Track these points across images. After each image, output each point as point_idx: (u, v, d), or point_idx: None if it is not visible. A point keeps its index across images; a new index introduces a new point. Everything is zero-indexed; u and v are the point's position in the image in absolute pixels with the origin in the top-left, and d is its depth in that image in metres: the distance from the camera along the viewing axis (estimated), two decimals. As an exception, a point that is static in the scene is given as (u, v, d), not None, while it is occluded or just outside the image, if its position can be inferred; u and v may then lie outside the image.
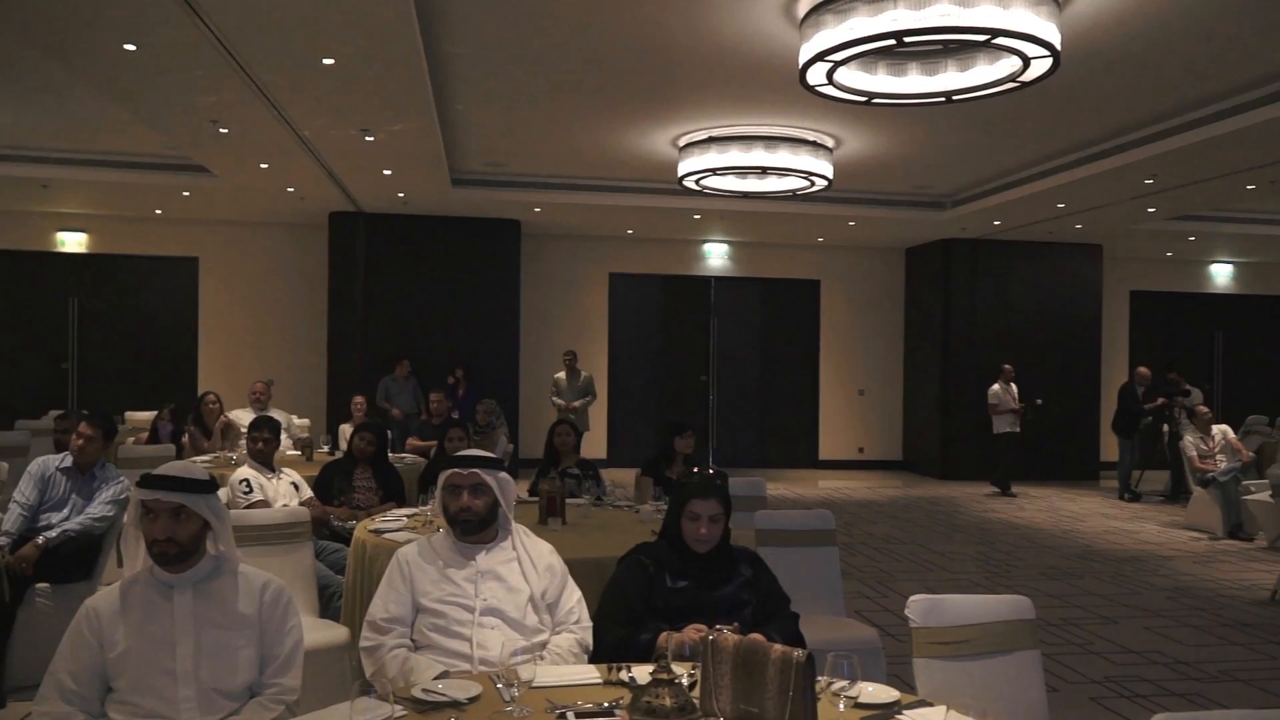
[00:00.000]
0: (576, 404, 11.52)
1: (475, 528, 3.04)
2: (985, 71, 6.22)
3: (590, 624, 3.02)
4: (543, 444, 6.45)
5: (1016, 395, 12.16)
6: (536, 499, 4.90)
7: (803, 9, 5.89)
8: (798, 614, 3.19)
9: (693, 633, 2.79)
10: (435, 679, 2.69)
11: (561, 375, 11.76)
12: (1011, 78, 6.08)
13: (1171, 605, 6.47)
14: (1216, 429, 9.78)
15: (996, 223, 12.10)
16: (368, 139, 8.47)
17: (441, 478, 3.12)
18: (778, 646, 2.19)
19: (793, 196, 10.33)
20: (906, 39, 5.42)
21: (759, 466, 14.20)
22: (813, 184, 9.40)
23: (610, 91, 7.78)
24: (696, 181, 9.54)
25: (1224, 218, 12.31)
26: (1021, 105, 7.65)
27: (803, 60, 6.02)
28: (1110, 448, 14.26)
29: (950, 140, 9.11)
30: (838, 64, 5.97)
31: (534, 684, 2.42)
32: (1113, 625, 5.96)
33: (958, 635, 2.77)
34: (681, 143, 9.26)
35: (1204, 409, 10.08)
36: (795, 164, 8.99)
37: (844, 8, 5.60)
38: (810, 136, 8.98)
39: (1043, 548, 8.44)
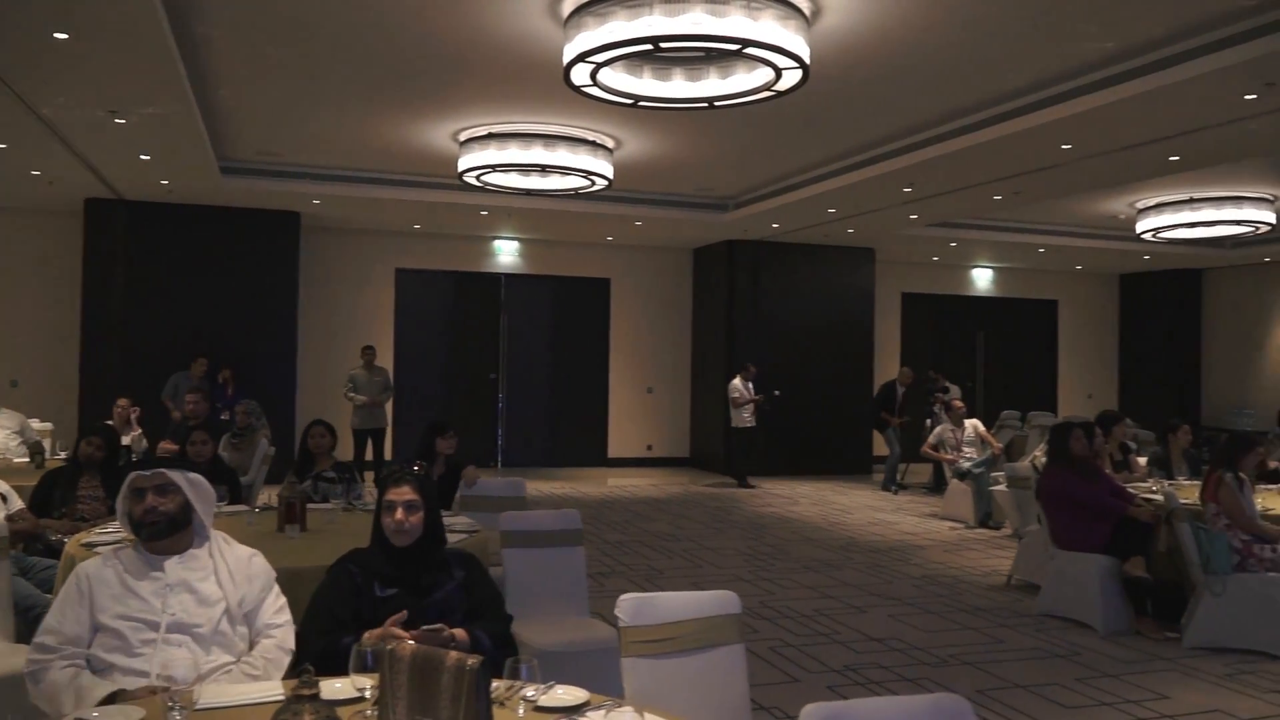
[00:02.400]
0: (379, 399, 11.32)
1: (163, 530, 2.81)
2: (744, 80, 6.40)
3: (287, 650, 2.85)
4: (341, 448, 6.16)
5: (751, 391, 12.54)
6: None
7: (566, 10, 5.89)
8: (511, 616, 3.13)
9: (393, 629, 2.69)
10: (103, 701, 2.47)
11: (359, 371, 11.42)
12: (767, 87, 6.27)
13: (917, 593, 6.85)
14: (969, 423, 10.48)
15: (775, 225, 12.54)
16: (118, 121, 7.85)
17: (125, 484, 2.88)
18: (453, 654, 2.12)
19: (575, 195, 10.37)
20: (662, 44, 5.50)
21: (548, 465, 14.22)
22: (594, 183, 9.45)
23: (383, 84, 7.56)
24: (477, 178, 9.45)
25: (980, 225, 13.21)
26: (788, 113, 7.92)
27: (565, 60, 6.01)
28: (881, 440, 15.10)
29: (727, 144, 9.36)
30: (600, 66, 6.01)
31: (199, 706, 2.25)
32: (861, 614, 6.23)
33: (664, 633, 2.77)
34: (462, 138, 9.11)
35: (959, 404, 10.77)
36: (575, 163, 9.01)
37: (603, 10, 5.63)
38: (590, 136, 9.01)
39: (809, 540, 8.78)
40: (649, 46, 5.56)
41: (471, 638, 2.82)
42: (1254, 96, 6.53)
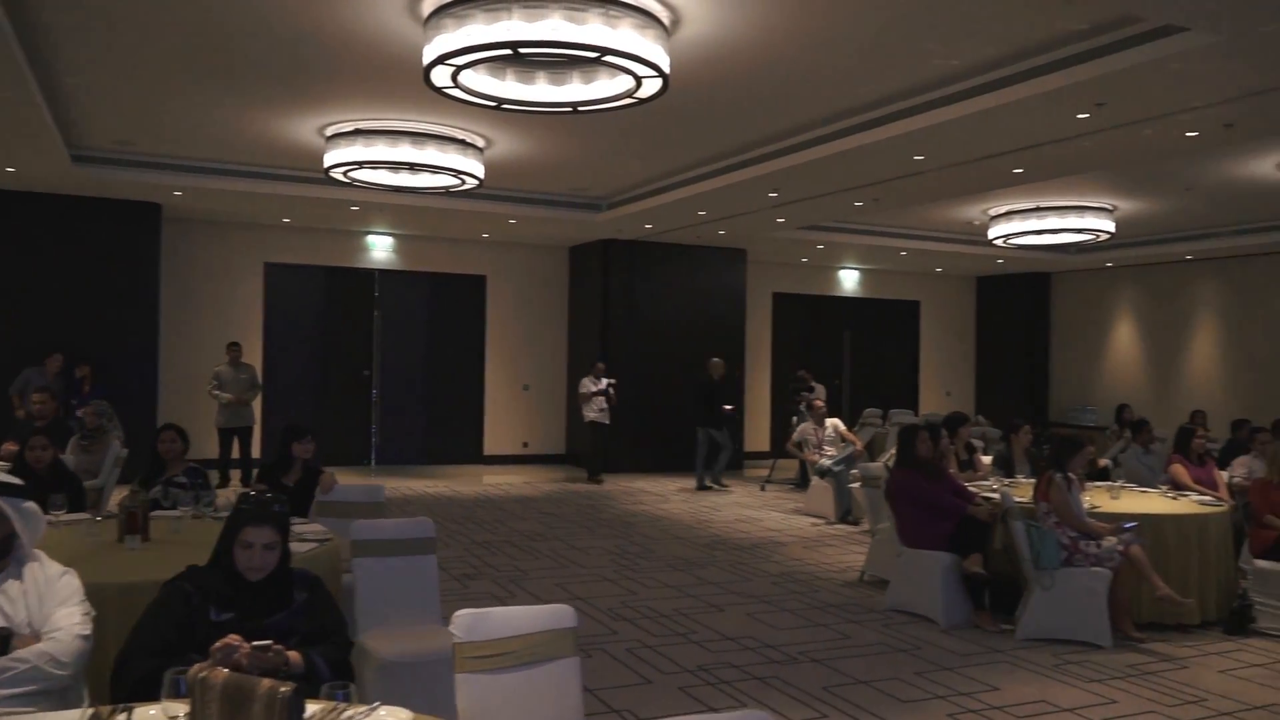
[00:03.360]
0: (245, 397, 11.07)
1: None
2: (607, 86, 6.46)
3: (77, 635, 2.79)
4: (206, 446, 5.96)
5: (603, 387, 12.64)
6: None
7: (426, 9, 5.84)
8: (352, 642, 3.11)
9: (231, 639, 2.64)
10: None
11: (224, 368, 11.10)
12: (628, 94, 6.35)
13: (775, 590, 7.05)
14: (829, 421, 10.82)
15: (648, 226, 12.68)
16: (-49, 104, 7.43)
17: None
18: (265, 682, 2.11)
19: (446, 193, 10.28)
20: (521, 50, 5.51)
21: (423, 463, 14.07)
22: (464, 182, 9.39)
23: (243, 75, 7.36)
24: (344, 174, 9.27)
25: (845, 229, 13.62)
26: (655, 117, 8.01)
27: (425, 61, 5.97)
28: (756, 437, 15.45)
29: (598, 146, 9.42)
30: (460, 68, 5.98)
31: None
32: (719, 613, 6.39)
33: (498, 648, 2.81)
34: (328, 133, 8.93)
35: (819, 403, 11.10)
36: (444, 161, 8.93)
37: (462, 13, 5.61)
38: (460, 135, 8.95)
39: (677, 539, 8.94)
40: (508, 52, 5.56)
41: (307, 662, 2.79)
42: (1086, 115, 6.93)
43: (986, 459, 8.38)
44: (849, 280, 17.03)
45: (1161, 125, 7.10)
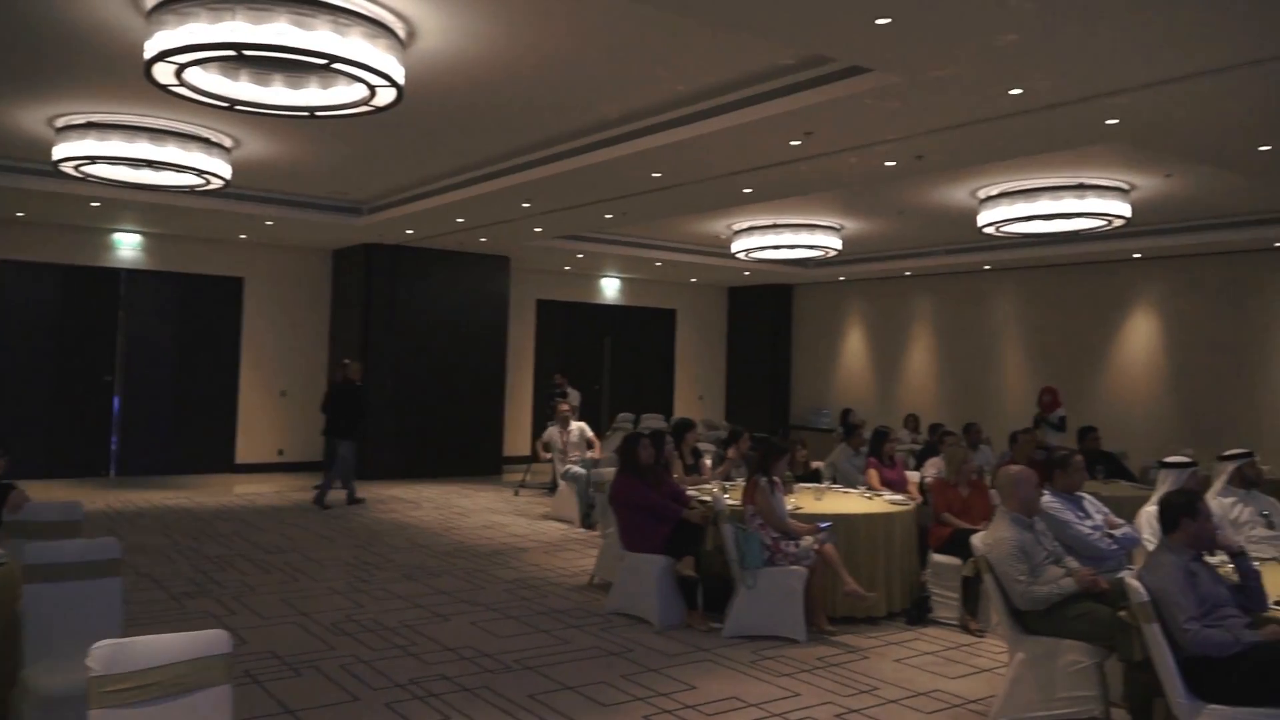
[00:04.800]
0: None
1: None
2: (345, 92, 6.39)
3: None
4: None
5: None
6: None
7: (149, 3, 5.58)
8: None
9: None
10: None
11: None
12: (364, 101, 6.30)
13: (505, 598, 7.15)
14: (575, 425, 11.07)
15: (409, 231, 12.56)
16: None
17: None
18: None
19: (192, 192, 9.78)
20: (246, 51, 5.37)
21: (169, 472, 13.34)
22: (209, 182, 8.98)
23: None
24: (76, 168, 8.65)
25: (603, 239, 13.96)
26: (404, 125, 8.02)
27: (146, 57, 5.70)
28: (516, 442, 15.56)
29: (352, 150, 9.30)
30: (184, 66, 5.75)
31: None
32: (444, 623, 6.42)
33: (140, 680, 2.75)
34: (59, 124, 8.33)
35: (565, 408, 11.35)
36: (187, 160, 8.55)
37: (185, 10, 5.41)
38: (203, 133, 8.57)
39: (419, 547, 8.89)
40: (232, 53, 5.40)
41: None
42: (798, 142, 7.47)
43: (709, 463, 8.84)
44: (610, 288, 17.45)
45: (862, 154, 7.76)
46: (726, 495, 7.02)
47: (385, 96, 6.21)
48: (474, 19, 5.80)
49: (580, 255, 14.65)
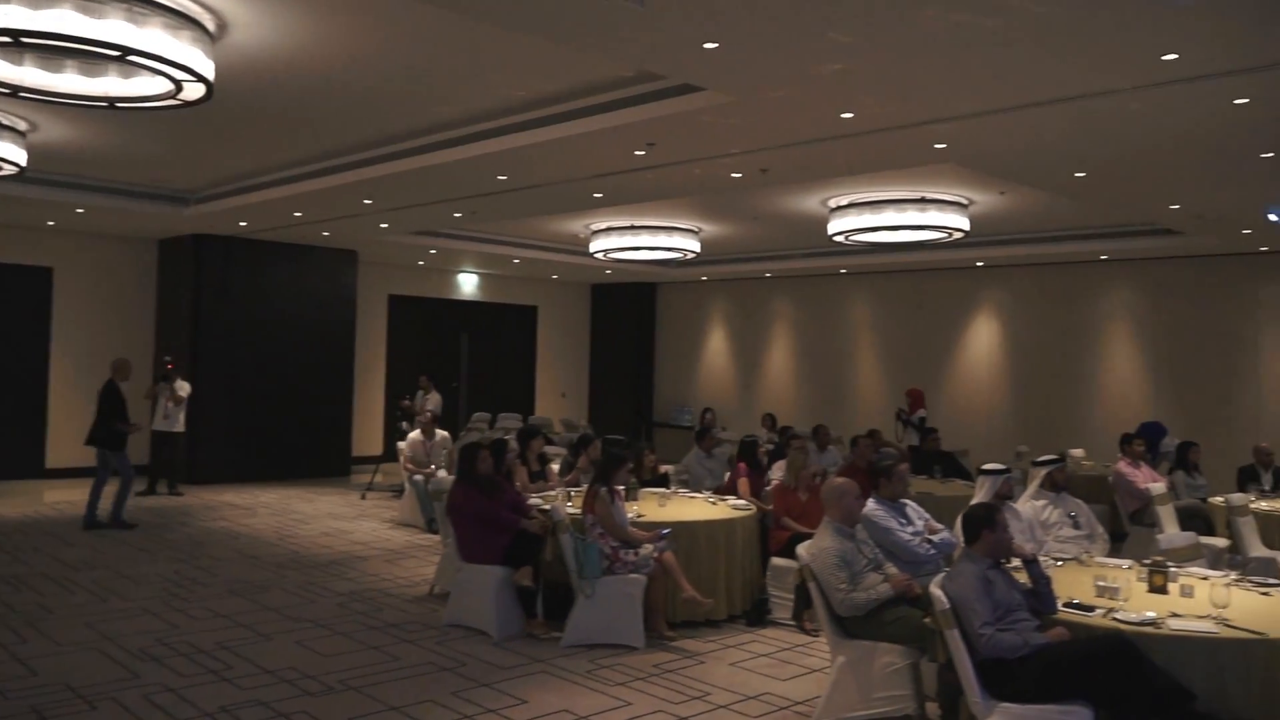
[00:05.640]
0: None
1: None
2: (148, 84, 5.98)
3: None
4: None
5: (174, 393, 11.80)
6: None
7: (-87, -21, 5.08)
8: None
9: None
10: None
11: None
12: (170, 95, 5.93)
13: (337, 612, 6.87)
14: (440, 434, 10.78)
15: (243, 223, 12.00)
16: None
17: None
18: None
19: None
20: (24, 39, 4.95)
21: (-34, 480, 12.37)
22: (2, 168, 8.33)
23: None
24: None
25: (458, 235, 13.69)
26: (224, 116, 7.61)
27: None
28: (366, 440, 15.12)
29: (170, 139, 8.78)
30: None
31: None
32: (267, 643, 6.11)
33: None
34: None
35: (406, 403, 11.07)
36: (-27, 145, 7.89)
37: (-43, -12, 4.94)
38: (-9, 116, 7.94)
39: (249, 559, 8.50)
40: (8, 39, 4.97)
41: None
42: (642, 152, 7.44)
43: (556, 468, 8.74)
44: (468, 284, 17.15)
45: (707, 166, 7.79)
46: (570, 504, 6.93)
47: (193, 91, 5.86)
48: (290, 14, 5.54)
49: (433, 251, 14.33)
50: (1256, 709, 3.79)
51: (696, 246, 12.88)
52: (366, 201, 10.06)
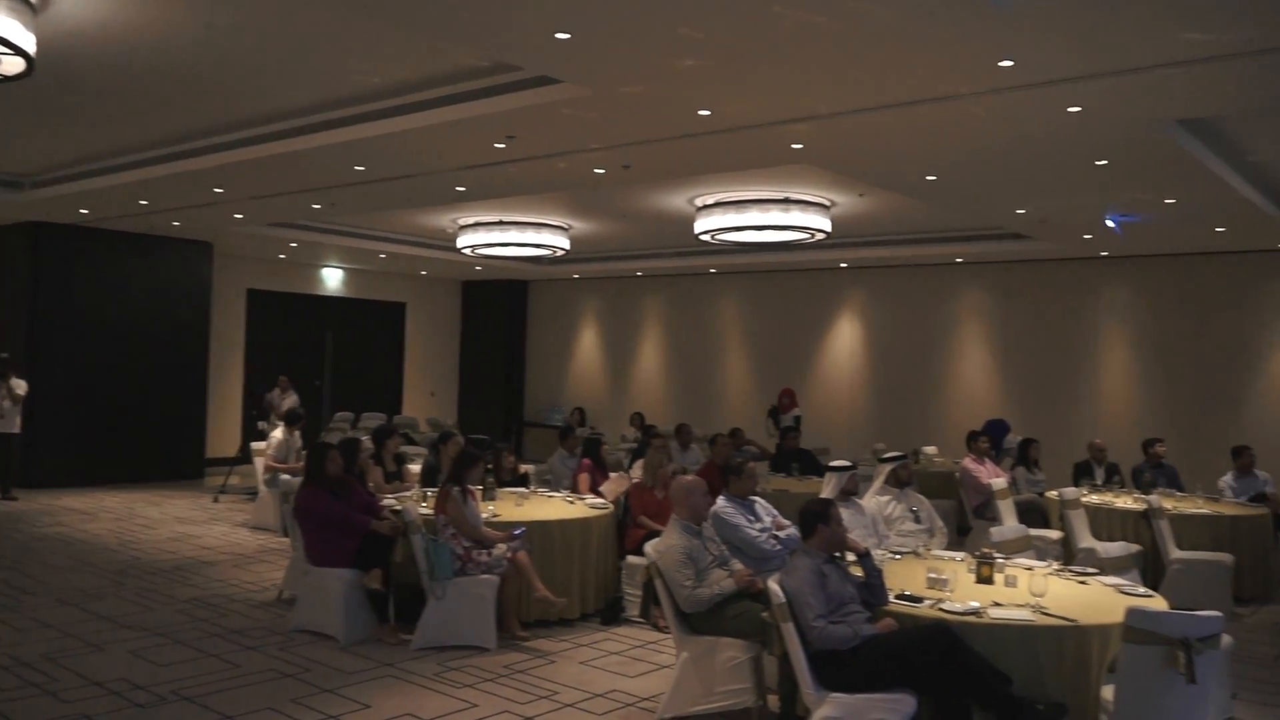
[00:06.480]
0: None
1: None
2: (-39, 57, 5.58)
3: None
4: None
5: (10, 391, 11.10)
6: None
7: None
8: None
9: None
10: None
11: None
12: (-9, 68, 5.56)
13: (178, 619, 6.58)
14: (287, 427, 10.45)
15: (84, 211, 11.37)
16: None
17: None
18: None
19: None
20: None
21: None
22: None
23: None
24: None
25: (321, 228, 13.25)
26: (52, 94, 7.20)
27: None
28: (221, 441, 14.54)
29: (-4, 118, 8.23)
30: None
31: None
32: (97, 654, 5.80)
33: None
34: None
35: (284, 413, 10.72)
36: None
37: None
38: None
39: (85, 566, 8.05)
40: None
41: None
42: (502, 145, 7.36)
43: (415, 468, 8.58)
44: (332, 279, 16.69)
45: (570, 160, 7.76)
46: (425, 504, 6.80)
47: (12, 65, 5.49)
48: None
49: (294, 244, 13.87)
50: (1069, 691, 3.98)
51: (566, 244, 12.82)
52: (217, 190, 9.66)
